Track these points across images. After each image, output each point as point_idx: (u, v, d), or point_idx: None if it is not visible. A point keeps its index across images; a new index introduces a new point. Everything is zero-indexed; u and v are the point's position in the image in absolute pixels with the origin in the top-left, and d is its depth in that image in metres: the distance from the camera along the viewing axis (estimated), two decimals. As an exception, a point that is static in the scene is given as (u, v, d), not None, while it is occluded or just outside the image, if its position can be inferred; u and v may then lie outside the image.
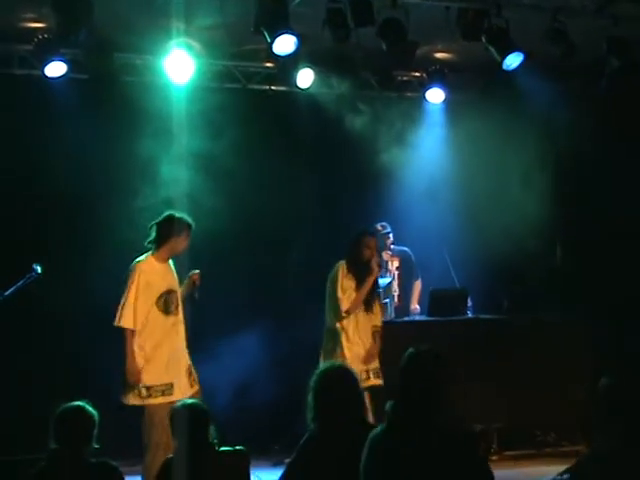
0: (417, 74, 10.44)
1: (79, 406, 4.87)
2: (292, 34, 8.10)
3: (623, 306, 9.67)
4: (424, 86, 10.34)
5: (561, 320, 9.25)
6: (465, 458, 4.03)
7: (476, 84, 10.57)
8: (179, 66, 9.02)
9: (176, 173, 8.92)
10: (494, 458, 8.41)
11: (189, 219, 7.09)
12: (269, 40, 8.09)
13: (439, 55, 10.03)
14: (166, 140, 8.98)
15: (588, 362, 8.79)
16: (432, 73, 10.17)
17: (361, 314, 7.77)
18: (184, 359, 7.03)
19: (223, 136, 9.12)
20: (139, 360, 6.81)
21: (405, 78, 10.53)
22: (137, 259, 7.03)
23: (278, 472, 4.78)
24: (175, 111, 9.04)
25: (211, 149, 9.10)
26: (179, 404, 5.31)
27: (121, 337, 6.90)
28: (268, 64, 9.73)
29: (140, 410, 6.85)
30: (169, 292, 6.98)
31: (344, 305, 7.68)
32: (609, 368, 4.51)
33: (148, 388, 6.78)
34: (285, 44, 8.22)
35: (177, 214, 7.08)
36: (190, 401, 5.41)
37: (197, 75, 9.36)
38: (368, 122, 9.71)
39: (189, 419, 5.15)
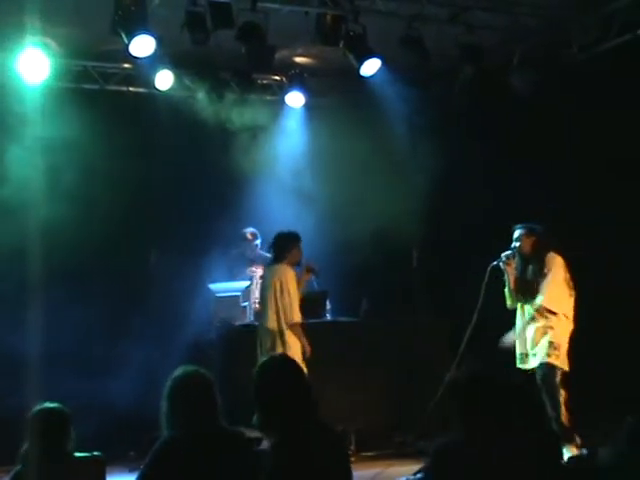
0: (277, 78, 10.51)
1: None
2: (150, 36, 8.04)
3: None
4: (284, 90, 10.42)
5: (418, 321, 9.38)
6: (340, 455, 4.24)
7: (336, 89, 10.68)
8: (33, 65, 8.80)
9: (28, 175, 8.72)
10: (352, 459, 8.42)
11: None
12: (126, 41, 8.01)
13: (299, 59, 10.10)
14: (18, 142, 8.76)
15: (445, 361, 8.92)
16: (292, 77, 10.26)
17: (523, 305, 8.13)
18: None
19: (79, 137, 8.96)
20: None
21: (265, 81, 10.58)
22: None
23: (133, 478, 4.72)
24: (28, 112, 8.84)
25: (67, 150, 8.93)
26: (37, 408, 5.12)
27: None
28: (126, 65, 9.59)
29: None
30: None
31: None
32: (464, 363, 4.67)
33: None
34: (143, 46, 8.16)
35: (286, 230, 8.26)
36: (50, 405, 5.21)
37: (53, 75, 9.17)
38: (227, 124, 9.70)
39: (45, 424, 5.01)
